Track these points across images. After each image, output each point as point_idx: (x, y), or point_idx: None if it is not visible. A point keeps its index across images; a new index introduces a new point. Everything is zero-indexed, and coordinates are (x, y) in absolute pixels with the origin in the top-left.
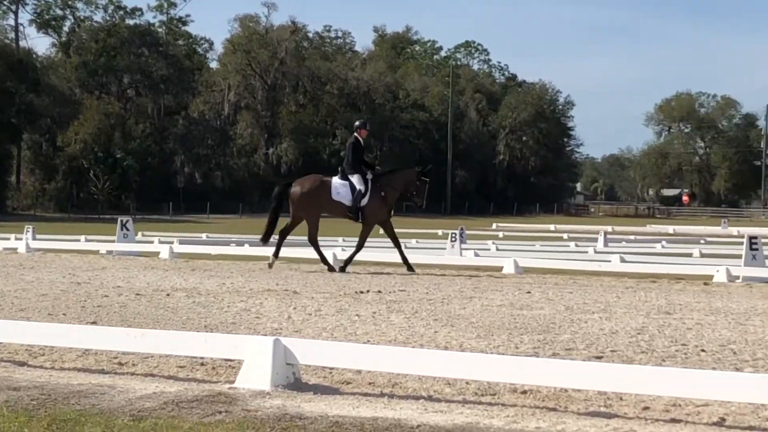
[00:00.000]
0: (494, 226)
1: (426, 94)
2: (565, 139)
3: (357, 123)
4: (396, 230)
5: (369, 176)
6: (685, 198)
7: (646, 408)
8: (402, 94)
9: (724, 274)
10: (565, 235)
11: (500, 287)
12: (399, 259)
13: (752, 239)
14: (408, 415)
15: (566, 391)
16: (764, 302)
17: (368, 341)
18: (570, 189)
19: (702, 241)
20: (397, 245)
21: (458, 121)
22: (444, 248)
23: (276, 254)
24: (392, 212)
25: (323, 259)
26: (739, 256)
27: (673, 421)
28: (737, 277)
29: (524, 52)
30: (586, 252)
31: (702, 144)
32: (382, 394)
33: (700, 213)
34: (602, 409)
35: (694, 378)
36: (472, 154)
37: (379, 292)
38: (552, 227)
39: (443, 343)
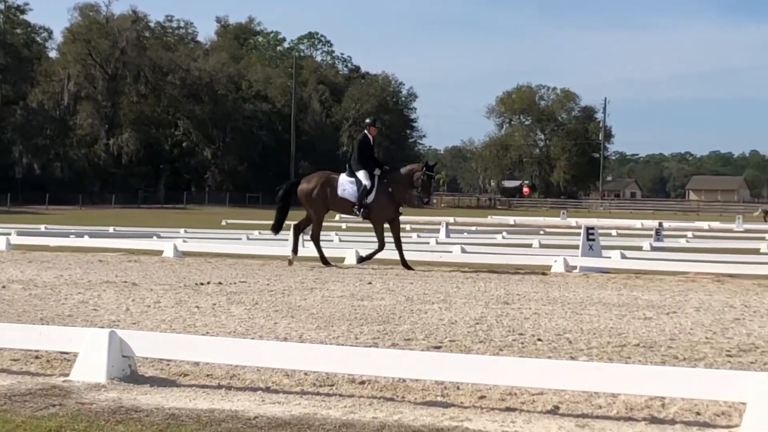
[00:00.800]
0: (337, 217)
1: (269, 85)
2: (408, 131)
3: (367, 120)
4: (236, 221)
5: (376, 173)
6: (525, 189)
7: (482, 397)
8: (245, 84)
9: (561, 264)
10: (407, 226)
11: (342, 278)
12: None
13: (589, 230)
14: (245, 406)
15: (404, 381)
16: (600, 292)
17: (207, 333)
18: None
19: (541, 232)
20: (398, 245)
21: (301, 112)
22: (287, 240)
23: (294, 251)
24: (401, 210)
25: (322, 258)
26: (577, 247)
27: (509, 409)
28: (575, 267)
29: (368, 45)
30: (428, 243)
31: (542, 136)
32: (219, 386)
33: (541, 204)
34: (439, 398)
35: (529, 367)
36: (315, 146)
37: (220, 283)
38: None
39: (283, 334)
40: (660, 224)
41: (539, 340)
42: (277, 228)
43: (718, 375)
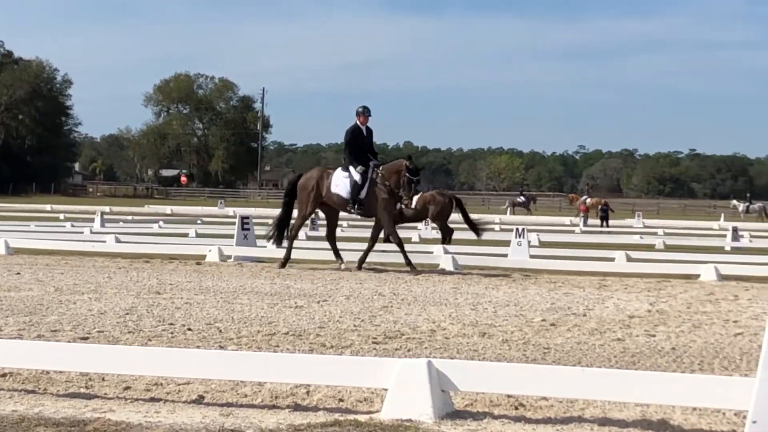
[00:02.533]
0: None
1: None
2: (63, 118)
3: (357, 108)
4: None
5: (370, 166)
6: (183, 179)
7: (127, 388)
8: None
9: (216, 254)
10: (61, 216)
11: None
12: None
13: (244, 219)
14: None
15: (48, 373)
16: (253, 281)
17: None
18: (68, 169)
19: (199, 222)
20: (370, 246)
21: None
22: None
23: (337, 255)
24: (397, 206)
25: (286, 256)
26: (233, 236)
27: (153, 399)
28: (229, 257)
29: (21, 29)
30: (82, 232)
31: (200, 125)
32: None
33: (199, 193)
34: (83, 390)
35: (175, 357)
36: None
37: None
38: (48, 207)
39: None
40: (316, 214)
41: (189, 329)
42: (279, 239)
43: (360, 362)
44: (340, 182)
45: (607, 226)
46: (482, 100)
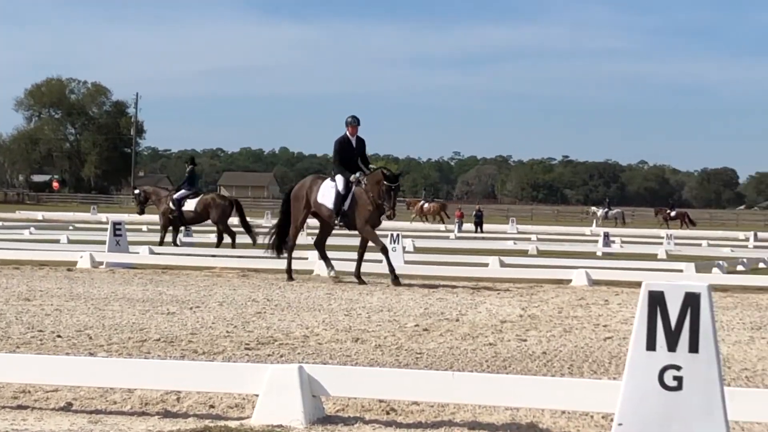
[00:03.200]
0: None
1: None
2: None
3: (347, 119)
4: None
5: (354, 178)
6: (55, 184)
7: None
8: None
9: (88, 260)
10: None
11: None
12: None
13: (116, 225)
14: None
15: None
16: (125, 287)
17: None
18: None
19: (71, 228)
20: (360, 256)
21: None
22: None
23: (327, 262)
24: (381, 218)
25: (288, 268)
26: (105, 242)
27: (21, 407)
28: (101, 263)
29: None
30: None
31: (73, 130)
32: None
33: (71, 199)
34: None
35: (43, 364)
36: None
37: None
38: None
39: None
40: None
41: (59, 336)
42: (281, 236)
43: (232, 368)
44: (327, 193)
45: (482, 231)
46: (358, 107)
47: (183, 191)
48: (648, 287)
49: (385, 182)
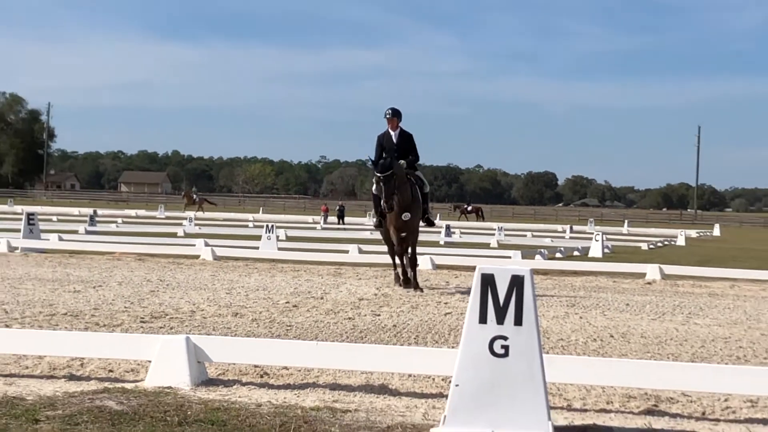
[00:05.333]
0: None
1: None
2: None
3: (385, 112)
4: None
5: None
6: None
7: None
8: None
9: (5, 246)
10: None
11: None
12: None
13: (30, 215)
14: None
15: None
16: (37, 269)
17: None
18: None
19: None
20: (408, 261)
21: None
22: None
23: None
24: (404, 216)
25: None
26: (20, 230)
27: None
28: (17, 248)
29: None
30: None
31: None
32: None
33: None
34: None
35: None
36: None
37: None
38: None
39: None
40: (95, 212)
41: None
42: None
43: (128, 338)
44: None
45: (343, 223)
46: (240, 116)
47: None
48: (481, 270)
49: (376, 173)
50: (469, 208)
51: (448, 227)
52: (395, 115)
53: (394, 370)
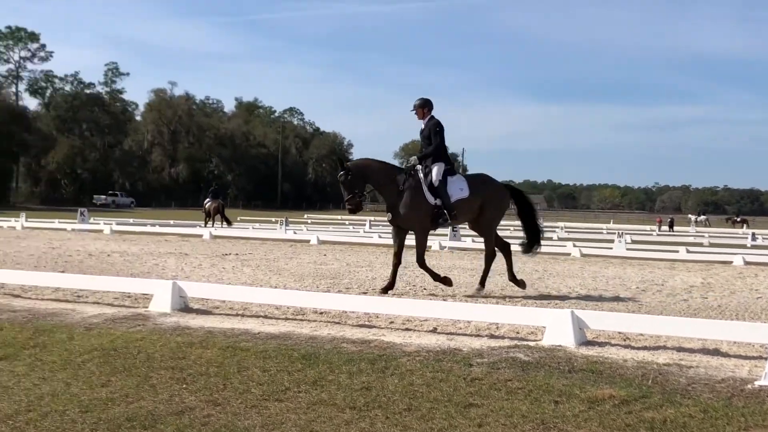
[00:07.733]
0: (305, 216)
1: (266, 138)
2: None
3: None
4: (248, 218)
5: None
6: None
7: (391, 322)
8: (251, 138)
9: (437, 246)
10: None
11: (308, 252)
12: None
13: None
14: (252, 326)
15: (346, 312)
16: (472, 263)
17: (229, 283)
18: None
19: None
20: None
21: (285, 154)
22: (276, 229)
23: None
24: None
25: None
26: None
27: (408, 330)
28: (445, 247)
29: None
30: (358, 232)
31: None
32: (237, 315)
33: None
34: (366, 323)
35: (418, 305)
36: (292, 174)
37: (237, 254)
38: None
39: (274, 284)
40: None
41: (424, 289)
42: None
43: (528, 310)
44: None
45: (673, 231)
46: (585, 153)
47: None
48: None
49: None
50: (738, 219)
51: (753, 234)
52: (420, 105)
53: (723, 338)
